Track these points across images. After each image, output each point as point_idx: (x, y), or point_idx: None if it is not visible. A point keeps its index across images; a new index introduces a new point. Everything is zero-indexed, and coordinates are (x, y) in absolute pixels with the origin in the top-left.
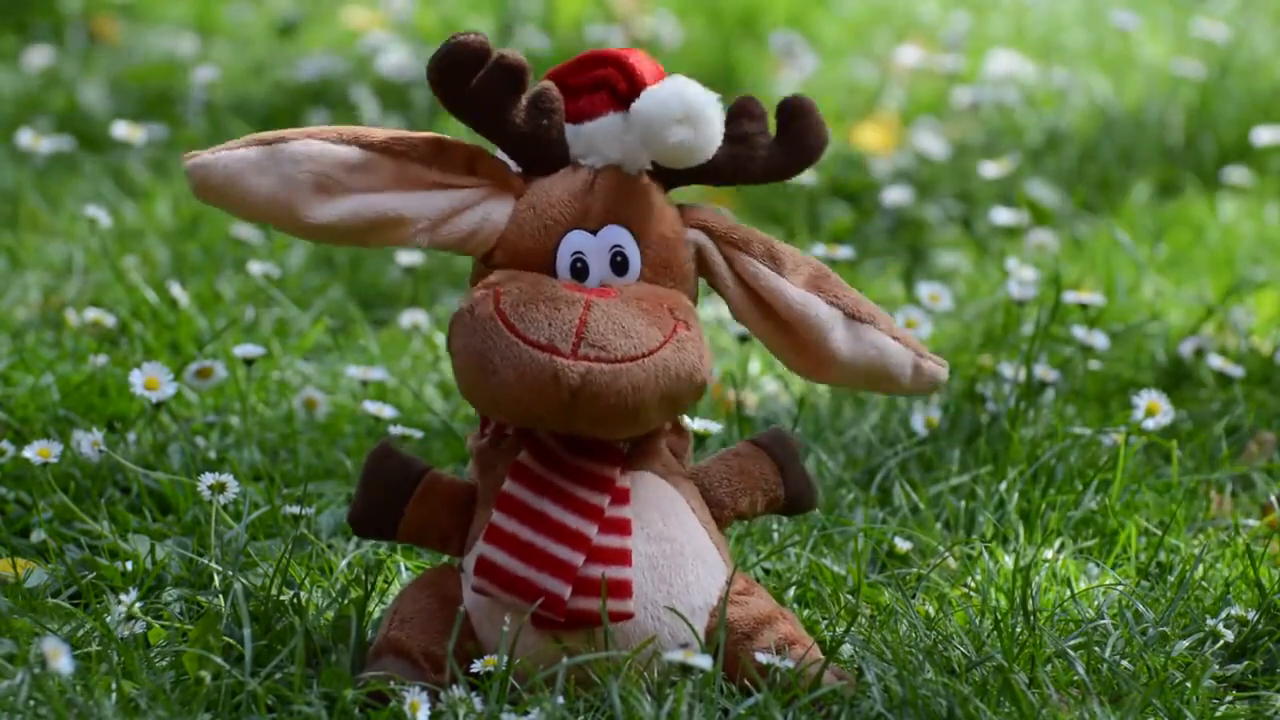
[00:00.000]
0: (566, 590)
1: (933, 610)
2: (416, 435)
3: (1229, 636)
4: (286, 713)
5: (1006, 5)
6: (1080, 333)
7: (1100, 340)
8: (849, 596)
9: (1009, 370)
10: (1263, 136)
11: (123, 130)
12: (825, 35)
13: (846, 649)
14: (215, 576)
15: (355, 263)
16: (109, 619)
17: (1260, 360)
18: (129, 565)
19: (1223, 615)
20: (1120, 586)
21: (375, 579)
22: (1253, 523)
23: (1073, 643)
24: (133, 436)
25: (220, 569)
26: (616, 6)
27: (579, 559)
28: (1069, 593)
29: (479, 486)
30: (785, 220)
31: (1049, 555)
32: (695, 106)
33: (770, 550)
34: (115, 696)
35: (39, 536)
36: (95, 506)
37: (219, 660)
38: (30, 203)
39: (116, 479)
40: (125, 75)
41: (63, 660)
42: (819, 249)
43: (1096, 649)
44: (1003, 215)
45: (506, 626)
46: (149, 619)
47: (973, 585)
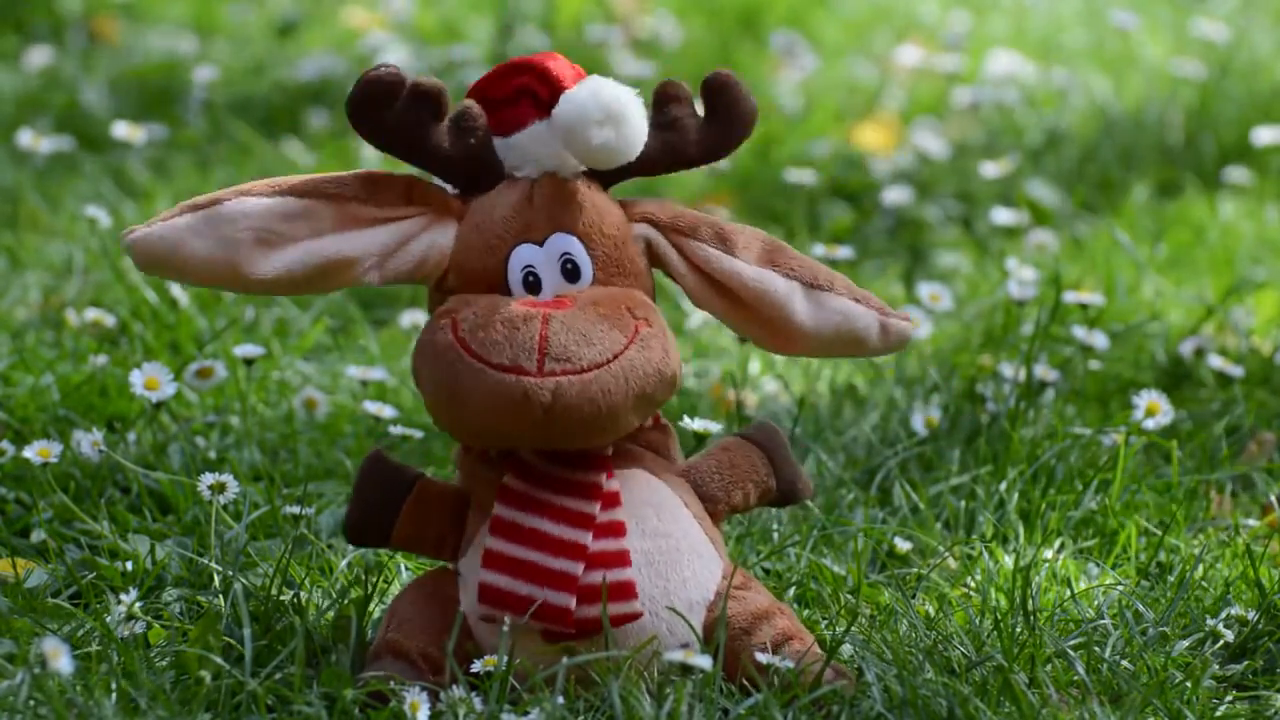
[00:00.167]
0: (571, 601)
1: (933, 610)
2: (416, 435)
3: (1229, 636)
4: (286, 713)
5: (1006, 5)
6: (1080, 333)
7: (1100, 340)
8: (849, 596)
9: (1009, 370)
10: (1263, 136)
11: (123, 130)
12: (825, 35)
13: (846, 649)
14: (215, 576)
15: None
16: (109, 619)
17: (1260, 360)
18: (129, 565)
19: (1223, 615)
20: (1120, 586)
21: (375, 579)
22: (1253, 523)
23: (1073, 643)
24: (133, 436)
25: (220, 569)
26: (616, 6)
27: (578, 568)
28: (1069, 593)
29: (471, 493)
30: (785, 220)
31: (1049, 555)
32: (614, 106)
33: (770, 550)
34: (115, 696)
35: (39, 536)
36: (95, 506)
37: (219, 660)
38: (30, 203)
39: (116, 479)
40: (125, 75)
41: (63, 660)
42: (819, 249)
43: (1096, 649)
44: (1003, 215)
45: (506, 627)
46: (149, 619)
47: (973, 585)
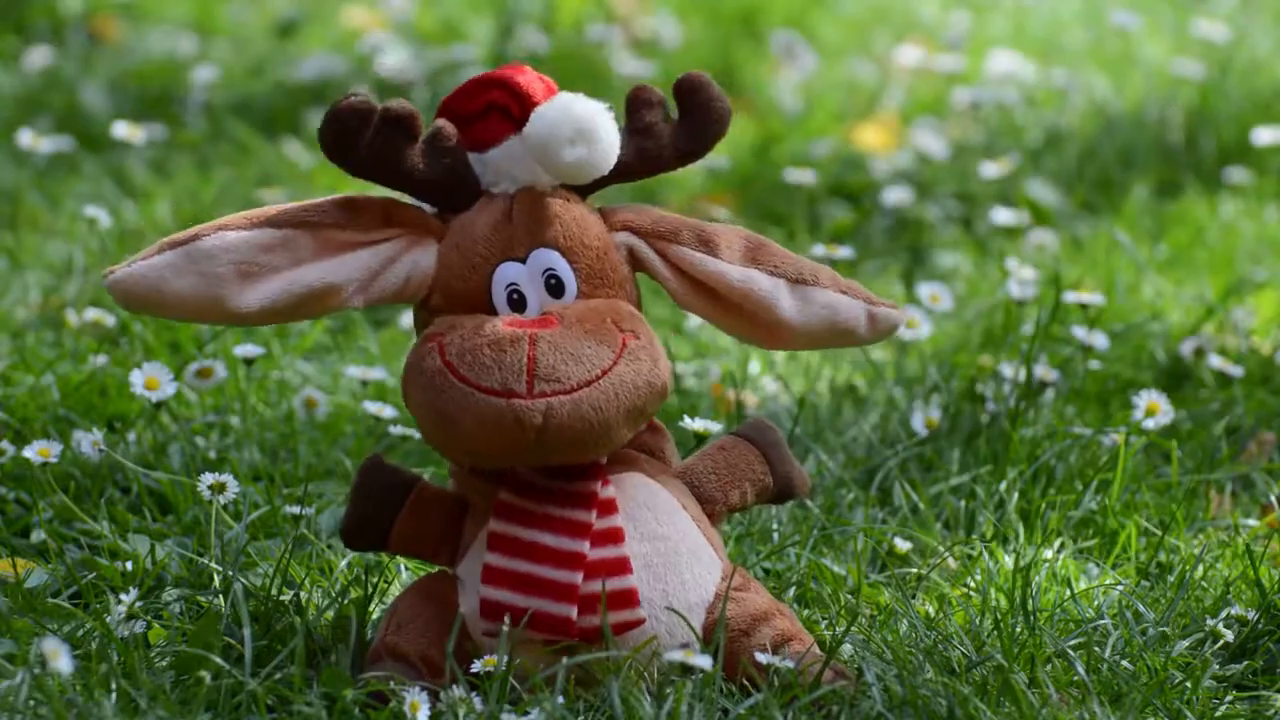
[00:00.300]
0: (572, 611)
1: (933, 610)
2: (416, 435)
3: (1229, 636)
4: (286, 713)
5: (1006, 5)
6: (1080, 333)
7: (1100, 340)
8: (849, 596)
9: (1009, 370)
10: (1263, 136)
11: (123, 130)
12: (825, 35)
13: (846, 649)
14: (215, 576)
15: None
16: (109, 619)
17: (1260, 360)
18: (129, 565)
19: (1223, 615)
20: (1120, 586)
21: (375, 580)
22: (1253, 523)
23: (1073, 643)
24: (133, 436)
25: (220, 569)
26: (616, 6)
27: (578, 578)
28: (1069, 593)
29: (468, 498)
30: (785, 221)
31: (1049, 555)
32: (584, 123)
33: (770, 550)
34: (115, 696)
35: (39, 536)
36: (95, 506)
37: (219, 660)
38: (30, 203)
39: (116, 479)
40: (125, 75)
41: (63, 660)
42: (819, 249)
43: (1096, 649)
44: (1003, 215)
45: (506, 627)
46: (149, 619)
47: (973, 585)
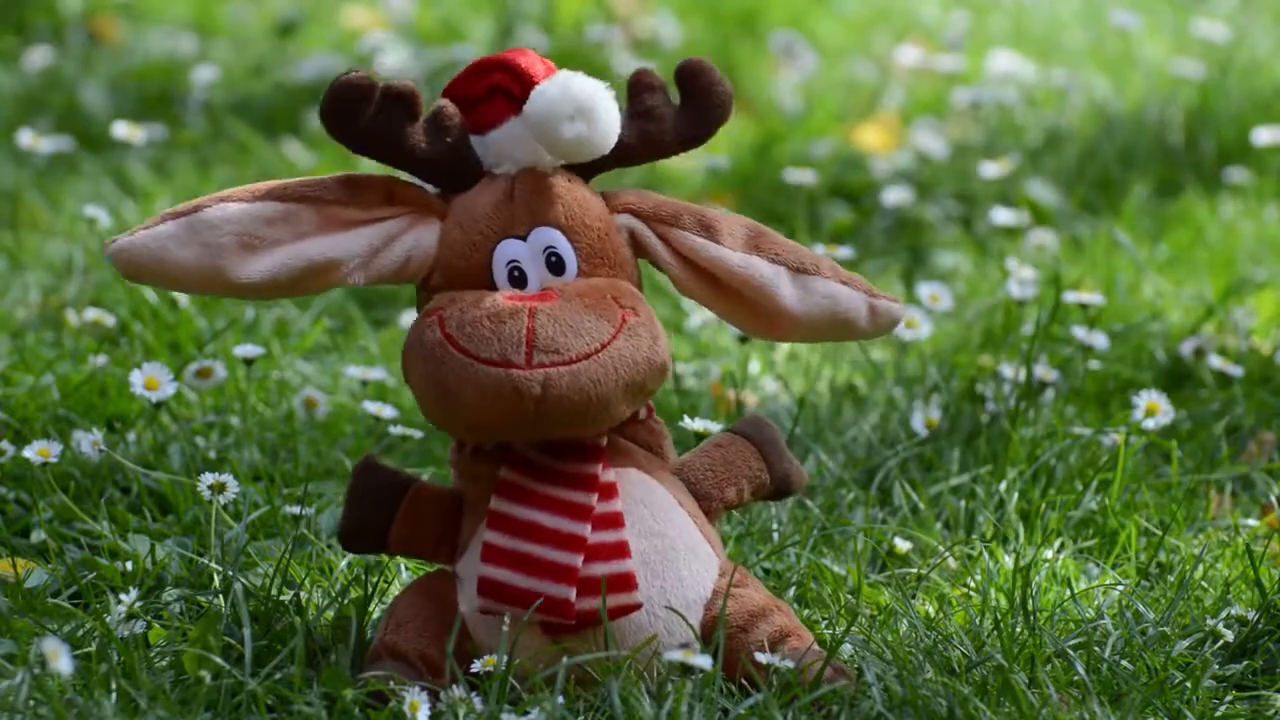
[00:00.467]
0: (571, 593)
1: (933, 610)
2: (416, 435)
3: (1229, 636)
4: (286, 713)
5: (1006, 5)
6: (1080, 333)
7: (1100, 340)
8: (849, 596)
9: (1009, 370)
10: (1263, 136)
11: (123, 130)
12: (825, 35)
13: (846, 649)
14: (215, 576)
15: None
16: (109, 619)
17: (1260, 360)
18: (129, 565)
19: (1223, 615)
20: (1120, 586)
21: (375, 579)
22: (1253, 523)
23: (1073, 643)
24: (133, 436)
25: (220, 569)
26: (616, 6)
27: (578, 560)
28: (1069, 593)
29: (466, 494)
30: (785, 220)
31: (1049, 555)
32: (584, 100)
33: (770, 550)
34: (115, 696)
35: (39, 536)
36: (95, 506)
37: (219, 660)
38: (30, 203)
39: (116, 479)
40: (125, 75)
41: (63, 660)
42: (819, 249)
43: (1096, 649)
44: (1003, 215)
45: (506, 627)
46: (149, 619)
47: (973, 585)
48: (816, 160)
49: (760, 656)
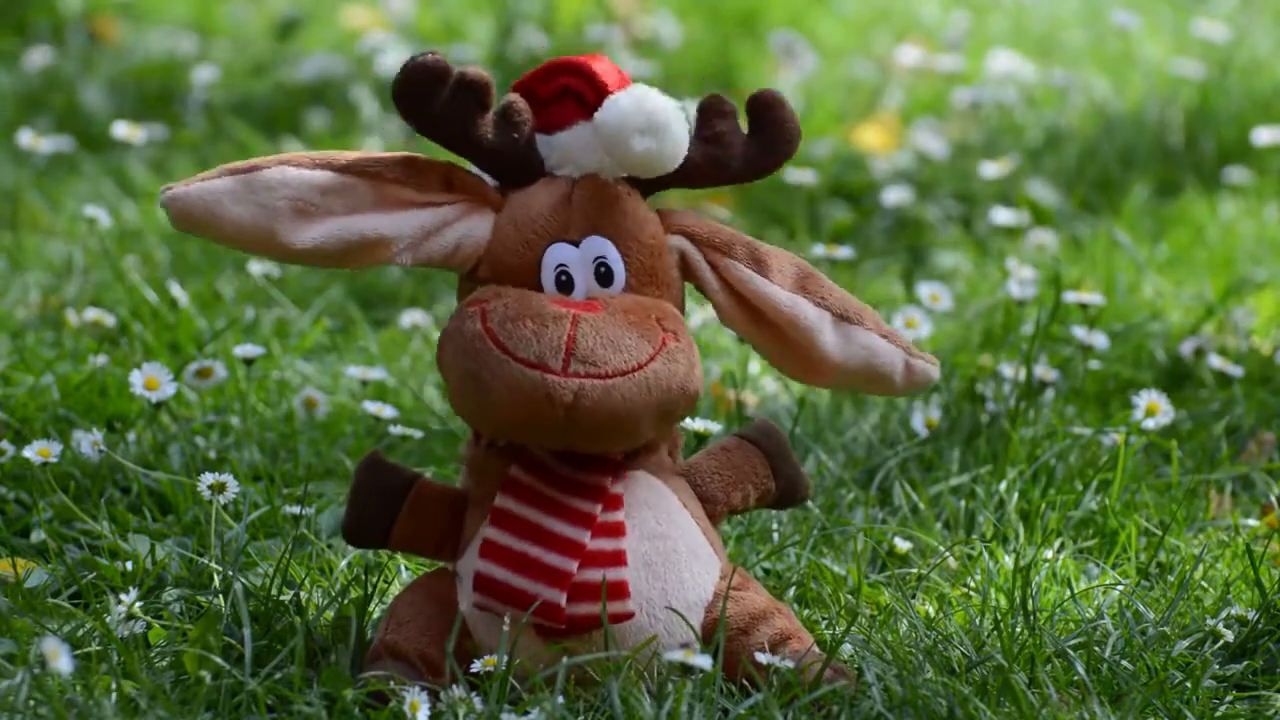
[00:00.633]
0: (562, 597)
1: (933, 610)
2: (416, 435)
3: (1229, 636)
4: (286, 713)
5: (1006, 5)
6: (1080, 333)
7: (1100, 340)
8: (849, 596)
9: (1009, 370)
10: (1263, 136)
11: (123, 130)
12: (825, 35)
13: (846, 649)
14: (215, 576)
15: None
16: (109, 619)
17: (1260, 360)
18: (129, 565)
19: (1223, 615)
20: (1120, 586)
21: (375, 579)
22: (1253, 523)
23: (1073, 643)
24: (133, 436)
25: (220, 569)
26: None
27: (573, 565)
28: (1069, 593)
29: (471, 492)
30: (785, 220)
31: (1049, 555)
32: (657, 116)
33: (770, 550)
34: (115, 696)
35: (39, 536)
36: (95, 506)
37: (219, 660)
38: (30, 203)
39: (116, 479)
40: (125, 75)
41: (63, 660)
42: (819, 249)
43: (1096, 649)
44: (1003, 215)
45: (506, 627)
46: (149, 619)
47: (973, 585)
48: (816, 160)
49: (760, 657)
